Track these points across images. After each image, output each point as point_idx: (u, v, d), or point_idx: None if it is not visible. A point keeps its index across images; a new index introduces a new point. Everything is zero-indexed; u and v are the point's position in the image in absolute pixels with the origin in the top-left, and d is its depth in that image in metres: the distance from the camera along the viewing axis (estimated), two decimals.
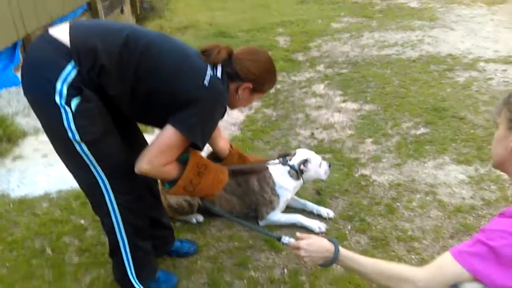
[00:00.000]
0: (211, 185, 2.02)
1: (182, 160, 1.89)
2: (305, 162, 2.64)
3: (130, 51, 1.71)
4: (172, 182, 1.90)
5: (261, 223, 2.68)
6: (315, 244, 1.69)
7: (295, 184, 2.67)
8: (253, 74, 1.91)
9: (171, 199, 2.59)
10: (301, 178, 2.67)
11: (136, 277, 2.11)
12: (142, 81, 1.75)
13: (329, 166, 2.80)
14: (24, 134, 3.67)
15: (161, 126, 1.82)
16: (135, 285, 2.11)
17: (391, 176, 3.22)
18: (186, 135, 1.76)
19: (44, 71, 1.65)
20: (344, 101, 4.72)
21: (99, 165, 1.81)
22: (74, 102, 1.65)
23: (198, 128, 1.78)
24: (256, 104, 4.81)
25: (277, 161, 2.71)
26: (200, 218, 2.71)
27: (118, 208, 1.93)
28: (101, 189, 1.87)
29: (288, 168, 2.63)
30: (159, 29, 7.78)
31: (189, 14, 9.39)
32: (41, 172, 3.14)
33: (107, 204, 1.91)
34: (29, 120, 3.85)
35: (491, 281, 1.33)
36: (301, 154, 2.69)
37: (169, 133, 1.76)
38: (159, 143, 1.78)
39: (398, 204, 2.91)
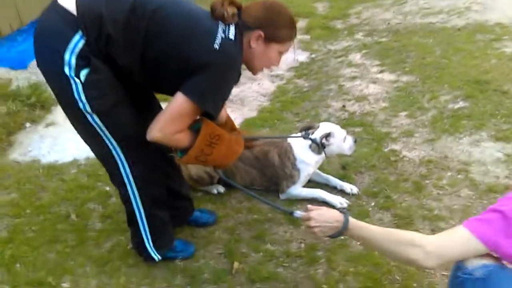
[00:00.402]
0: (224, 156, 1.96)
1: (195, 129, 1.84)
2: (327, 136, 2.55)
3: (138, 17, 1.65)
4: (184, 151, 1.86)
5: (282, 196, 2.65)
6: (326, 215, 1.65)
7: (317, 158, 2.60)
8: (259, 19, 1.75)
9: (191, 169, 2.60)
10: (324, 153, 2.60)
11: (153, 245, 2.14)
12: (151, 46, 1.68)
13: (355, 141, 2.71)
14: (57, 102, 3.75)
15: (174, 94, 1.76)
16: (152, 253, 2.16)
17: (423, 152, 3.09)
18: (197, 103, 1.69)
19: (53, 41, 1.64)
20: (381, 71, 4.53)
21: (112, 135, 1.80)
22: (83, 73, 1.64)
23: (209, 96, 1.71)
24: (288, 74, 4.73)
25: (299, 134, 2.65)
26: (221, 189, 2.71)
27: (134, 179, 1.94)
28: (115, 159, 1.88)
29: (309, 142, 2.56)
30: None
31: None
32: (71, 139, 3.21)
33: (122, 175, 1.92)
34: None
35: (498, 247, 1.28)
36: (324, 128, 2.61)
37: (180, 100, 1.70)
38: (170, 110, 1.72)
39: (427, 181, 2.79)
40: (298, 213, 1.78)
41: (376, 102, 3.89)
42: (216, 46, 1.64)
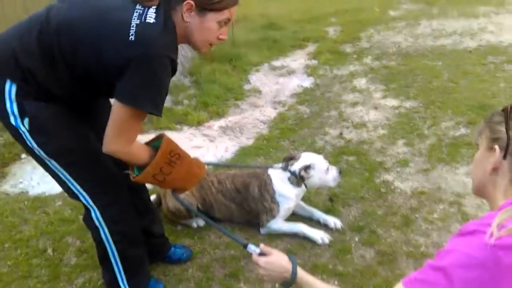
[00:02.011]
0: (183, 177, 1.83)
1: (156, 147, 1.73)
2: (306, 168, 2.47)
3: (47, 40, 1.54)
4: (141, 169, 1.72)
5: (262, 231, 2.57)
6: (274, 264, 1.56)
7: (297, 191, 2.52)
8: None
9: (169, 202, 2.56)
10: (304, 185, 2.52)
11: (127, 284, 2.07)
12: (73, 64, 1.57)
13: (339, 172, 2.61)
14: None
15: None
16: None
17: (416, 183, 2.96)
18: (133, 106, 1.54)
19: None
20: (384, 96, 4.44)
21: (74, 180, 1.76)
22: (26, 121, 1.61)
23: (141, 94, 1.53)
24: (291, 100, 4.68)
25: (279, 165, 2.58)
26: (201, 222, 2.65)
27: (104, 221, 1.88)
28: (83, 203, 1.84)
29: (288, 174, 2.49)
30: None
31: (244, 5, 9.35)
32: None
33: (92, 218, 1.87)
34: None
35: None
36: (304, 159, 2.52)
37: (117, 109, 1.55)
38: (112, 122, 1.58)
39: (416, 215, 2.66)
40: (252, 248, 1.68)
41: (374, 129, 3.79)
42: (132, 37, 1.48)
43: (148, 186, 3.05)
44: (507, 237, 1.02)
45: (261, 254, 1.61)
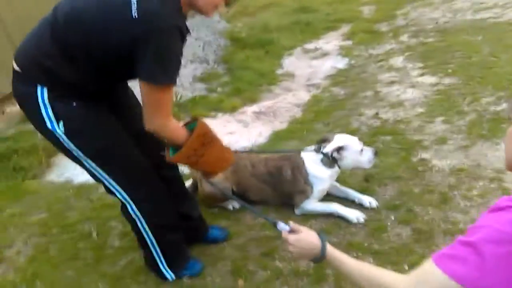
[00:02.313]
0: (215, 161, 1.90)
1: (191, 128, 1.80)
2: (339, 149, 2.45)
3: (59, 35, 1.60)
4: (176, 150, 1.80)
5: (297, 211, 2.59)
6: (304, 240, 1.57)
7: (330, 172, 2.51)
8: None
9: (205, 187, 2.62)
10: (337, 166, 2.51)
11: (167, 266, 2.17)
12: (89, 54, 1.61)
13: (375, 153, 2.57)
14: None
15: None
16: (166, 273, 2.18)
17: (455, 160, 2.88)
18: (153, 83, 1.58)
19: (28, 104, 1.69)
20: (422, 74, 4.33)
21: (109, 176, 1.85)
22: (61, 125, 1.68)
23: (156, 69, 1.55)
24: (325, 82, 4.65)
25: (312, 147, 2.58)
26: (236, 205, 2.70)
27: (141, 214, 1.97)
28: (120, 199, 1.94)
29: (321, 155, 2.49)
30: (243, 9, 7.82)
31: None
32: None
33: (129, 212, 1.97)
34: None
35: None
36: (337, 141, 2.51)
37: (141, 87, 1.61)
38: (144, 101, 1.65)
39: (455, 192, 2.60)
40: (281, 225, 1.70)
41: (412, 108, 3.70)
42: (134, 14, 1.49)
43: (185, 171, 3.15)
44: None
45: (291, 231, 1.62)
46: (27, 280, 2.32)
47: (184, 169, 3.18)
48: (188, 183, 2.87)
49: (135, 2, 1.50)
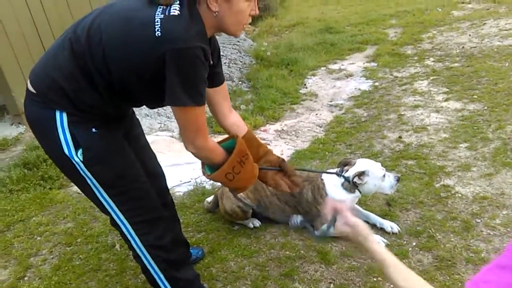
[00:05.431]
0: (248, 177, 1.88)
1: (225, 147, 1.82)
2: (360, 174, 2.46)
3: (80, 56, 1.56)
4: (213, 168, 1.80)
5: (317, 233, 2.59)
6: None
7: (351, 197, 2.52)
8: None
9: (226, 205, 2.66)
10: (358, 191, 2.51)
11: None
12: (109, 75, 1.58)
13: (398, 180, 2.56)
14: None
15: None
16: None
17: (478, 188, 2.86)
18: (182, 105, 1.55)
19: (42, 128, 1.66)
20: (447, 99, 4.31)
21: (117, 207, 1.81)
22: (79, 153, 1.65)
23: (181, 91, 1.52)
24: (348, 103, 4.66)
25: (334, 170, 2.60)
26: (257, 223, 2.73)
27: (146, 249, 1.92)
28: (123, 231, 1.89)
29: (342, 179, 2.50)
30: (269, 28, 7.92)
31: (302, 10, 9.40)
32: None
33: (134, 247, 1.92)
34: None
35: None
36: (359, 165, 2.52)
37: (173, 111, 1.61)
38: (178, 125, 1.65)
39: (477, 220, 2.58)
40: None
41: (436, 132, 3.69)
42: (158, 32, 1.46)
43: (206, 186, 3.19)
44: None
45: None
46: None
47: (206, 184, 3.23)
48: (209, 199, 2.92)
49: (159, 20, 1.47)
